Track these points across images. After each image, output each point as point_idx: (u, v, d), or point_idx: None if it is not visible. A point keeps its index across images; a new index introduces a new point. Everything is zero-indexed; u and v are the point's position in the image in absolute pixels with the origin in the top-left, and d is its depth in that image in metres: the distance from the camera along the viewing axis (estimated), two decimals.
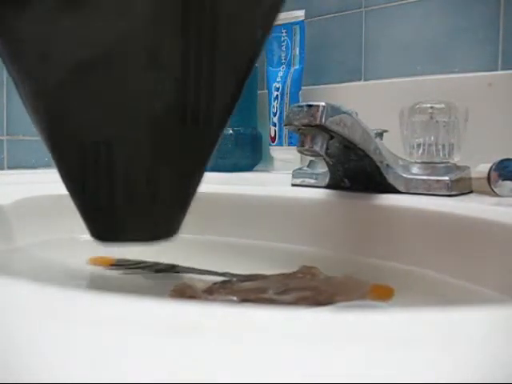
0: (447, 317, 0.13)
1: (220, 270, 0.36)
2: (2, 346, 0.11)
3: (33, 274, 0.36)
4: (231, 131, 0.76)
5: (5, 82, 0.75)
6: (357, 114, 0.43)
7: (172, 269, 0.38)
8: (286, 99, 0.75)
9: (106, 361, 0.10)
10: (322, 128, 0.44)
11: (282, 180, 0.57)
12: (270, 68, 0.78)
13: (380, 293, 0.32)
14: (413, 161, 0.47)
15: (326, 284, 0.32)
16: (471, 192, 0.47)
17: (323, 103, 0.50)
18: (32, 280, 0.25)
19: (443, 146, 0.47)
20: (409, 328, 0.12)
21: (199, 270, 0.36)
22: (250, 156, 0.79)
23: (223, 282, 0.34)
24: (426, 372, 0.10)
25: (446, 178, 0.44)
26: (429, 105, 0.48)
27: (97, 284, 0.33)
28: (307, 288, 0.31)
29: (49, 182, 0.54)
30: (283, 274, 0.34)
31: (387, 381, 0.10)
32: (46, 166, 0.78)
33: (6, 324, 0.12)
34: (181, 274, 0.36)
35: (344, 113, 0.42)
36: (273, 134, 0.76)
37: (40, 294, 0.14)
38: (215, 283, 0.33)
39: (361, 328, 0.12)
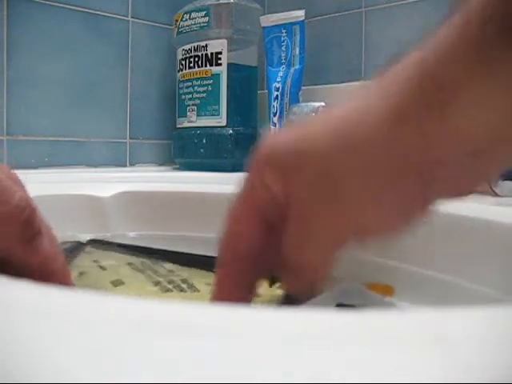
0: (446, 317, 0.13)
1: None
2: (1, 345, 0.11)
3: None
4: (231, 131, 0.76)
5: (5, 82, 0.75)
6: None
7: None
8: (286, 99, 0.75)
9: (106, 361, 0.10)
10: None
11: None
12: (270, 68, 0.78)
13: (379, 291, 0.32)
14: None
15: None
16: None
17: (323, 103, 0.50)
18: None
19: None
20: (407, 328, 0.12)
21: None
22: (250, 156, 0.79)
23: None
24: (425, 372, 0.10)
25: None
26: None
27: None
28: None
29: (49, 182, 0.54)
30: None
31: (385, 381, 0.10)
32: (46, 166, 0.78)
33: (5, 324, 0.12)
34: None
35: None
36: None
37: (40, 294, 0.14)
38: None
39: (360, 328, 0.12)
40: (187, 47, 0.80)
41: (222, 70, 0.76)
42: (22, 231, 0.21)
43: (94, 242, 0.42)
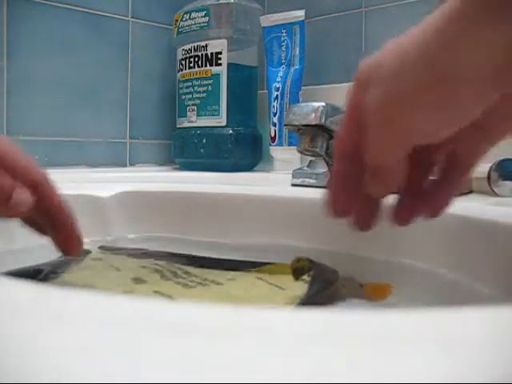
0: (446, 317, 0.13)
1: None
2: (1, 345, 0.11)
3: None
4: (231, 131, 0.76)
5: (5, 83, 0.75)
6: None
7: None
8: (286, 99, 0.75)
9: (106, 361, 0.10)
10: (322, 128, 0.44)
11: (282, 180, 0.57)
12: (270, 68, 0.78)
13: (377, 291, 0.32)
14: None
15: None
16: (471, 192, 0.47)
17: (323, 103, 0.50)
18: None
19: None
20: (407, 328, 0.12)
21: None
22: (250, 156, 0.79)
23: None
24: (425, 372, 0.10)
25: None
26: None
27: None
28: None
29: None
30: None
31: (386, 380, 0.10)
32: (46, 165, 0.77)
33: (6, 324, 0.12)
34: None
35: (344, 113, 0.42)
36: (273, 134, 0.76)
37: (39, 294, 0.14)
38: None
39: (361, 328, 0.12)
40: (187, 47, 0.80)
41: (222, 70, 0.76)
42: None
43: (103, 249, 0.42)
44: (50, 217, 0.33)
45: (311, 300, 0.28)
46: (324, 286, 0.31)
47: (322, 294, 0.30)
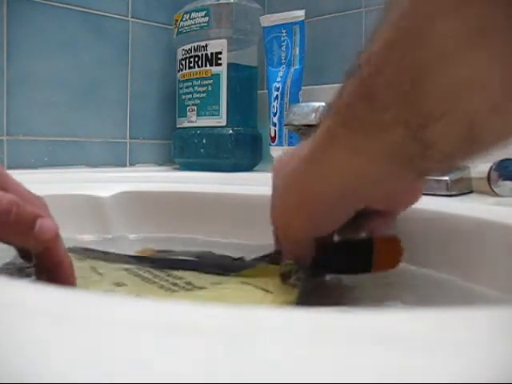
0: (446, 317, 0.13)
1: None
2: (2, 345, 0.11)
3: None
4: (231, 131, 0.76)
5: (5, 83, 0.75)
6: None
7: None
8: (286, 99, 0.75)
9: (106, 361, 0.10)
10: None
11: None
12: (270, 68, 0.78)
13: (388, 249, 0.33)
14: None
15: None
16: (471, 192, 0.47)
17: (323, 103, 0.50)
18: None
19: None
20: (407, 328, 0.12)
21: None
22: (250, 156, 0.79)
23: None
24: (425, 372, 0.10)
25: (446, 177, 0.44)
26: None
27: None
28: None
29: (48, 182, 0.54)
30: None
31: (386, 381, 0.10)
32: (46, 165, 0.78)
33: (6, 324, 0.12)
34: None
35: None
36: (273, 134, 0.76)
37: (40, 295, 0.14)
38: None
39: (360, 328, 0.12)
40: (187, 47, 0.80)
41: (222, 69, 0.76)
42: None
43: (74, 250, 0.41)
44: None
45: (305, 300, 0.28)
46: (315, 286, 0.31)
47: (315, 293, 0.30)
